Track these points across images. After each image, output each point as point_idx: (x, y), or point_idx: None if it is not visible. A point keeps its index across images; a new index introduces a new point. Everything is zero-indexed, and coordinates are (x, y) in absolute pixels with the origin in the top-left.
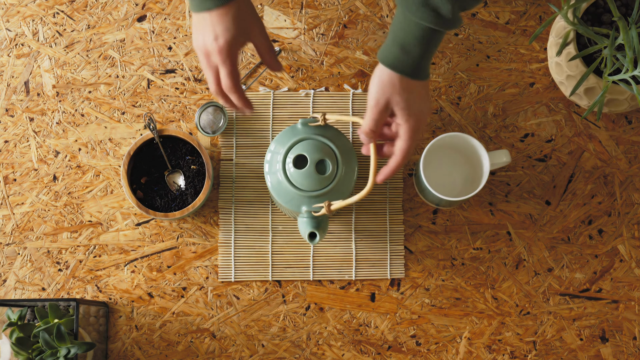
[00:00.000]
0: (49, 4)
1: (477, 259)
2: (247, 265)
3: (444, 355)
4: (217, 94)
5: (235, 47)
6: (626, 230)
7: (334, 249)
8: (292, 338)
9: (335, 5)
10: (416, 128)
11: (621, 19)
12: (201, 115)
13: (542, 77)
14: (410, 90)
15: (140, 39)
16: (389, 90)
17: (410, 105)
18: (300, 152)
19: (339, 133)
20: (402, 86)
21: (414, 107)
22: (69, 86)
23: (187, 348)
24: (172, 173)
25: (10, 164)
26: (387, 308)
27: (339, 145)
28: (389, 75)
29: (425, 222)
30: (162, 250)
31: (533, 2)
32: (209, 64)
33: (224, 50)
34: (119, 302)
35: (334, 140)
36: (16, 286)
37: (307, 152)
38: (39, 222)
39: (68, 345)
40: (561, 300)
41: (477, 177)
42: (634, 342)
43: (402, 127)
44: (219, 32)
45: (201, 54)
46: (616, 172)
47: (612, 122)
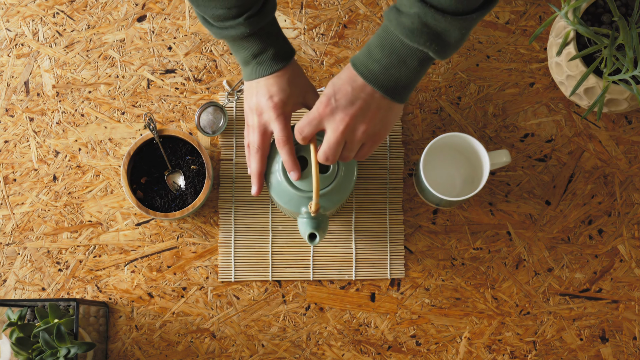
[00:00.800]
0: (49, 4)
1: (477, 259)
2: (247, 265)
3: (444, 355)
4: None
5: (290, 106)
6: (626, 230)
7: (334, 249)
8: (292, 338)
9: (335, 5)
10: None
11: (621, 19)
12: (201, 115)
13: (542, 77)
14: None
15: (140, 39)
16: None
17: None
18: (299, 153)
19: None
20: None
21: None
22: (69, 86)
23: (187, 348)
24: (172, 173)
25: (10, 164)
26: (387, 308)
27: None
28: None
29: (425, 222)
30: (162, 250)
31: (533, 2)
32: (260, 121)
33: (278, 107)
34: (119, 302)
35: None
36: (16, 286)
37: (307, 153)
38: (39, 222)
39: (68, 345)
40: (561, 300)
41: (477, 177)
42: (634, 342)
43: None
44: (274, 92)
45: (252, 114)
46: (616, 172)
47: (612, 122)
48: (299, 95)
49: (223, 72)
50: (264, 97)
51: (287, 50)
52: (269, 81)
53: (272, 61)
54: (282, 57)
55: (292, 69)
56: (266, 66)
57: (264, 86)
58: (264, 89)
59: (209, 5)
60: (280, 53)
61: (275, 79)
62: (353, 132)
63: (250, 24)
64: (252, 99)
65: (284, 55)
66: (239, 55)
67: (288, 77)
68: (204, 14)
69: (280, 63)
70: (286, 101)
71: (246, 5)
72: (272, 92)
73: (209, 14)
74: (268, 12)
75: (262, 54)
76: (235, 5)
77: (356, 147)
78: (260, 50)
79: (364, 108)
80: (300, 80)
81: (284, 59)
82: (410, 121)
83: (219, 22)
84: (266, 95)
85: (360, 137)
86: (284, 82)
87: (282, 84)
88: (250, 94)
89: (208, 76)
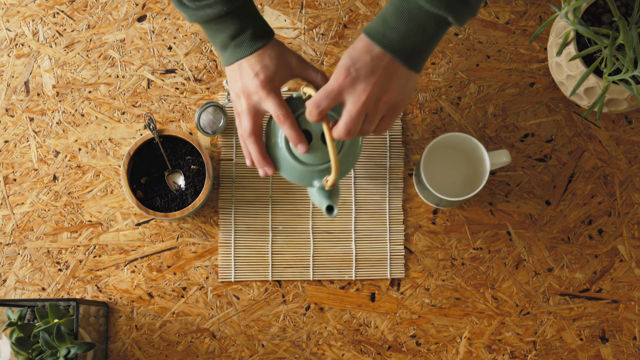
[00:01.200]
0: (49, 4)
1: (477, 259)
2: (247, 265)
3: (444, 355)
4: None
5: (277, 82)
6: (626, 230)
7: (334, 249)
8: (292, 338)
9: (335, 5)
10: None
11: (621, 19)
12: (201, 115)
13: (542, 77)
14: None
15: (140, 39)
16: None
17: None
18: (303, 127)
19: None
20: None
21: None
22: (69, 86)
23: (187, 348)
24: (172, 173)
25: (10, 164)
26: (387, 308)
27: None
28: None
29: (425, 222)
30: (162, 250)
31: (533, 2)
32: (249, 104)
33: (266, 84)
34: (119, 302)
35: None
36: (16, 286)
37: (309, 126)
38: (39, 222)
39: (68, 345)
40: (561, 300)
41: (477, 177)
42: (634, 342)
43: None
44: (259, 70)
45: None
46: (616, 172)
47: (612, 122)
48: (285, 69)
49: (223, 72)
50: (248, 77)
51: (265, 30)
52: (251, 61)
53: (251, 41)
54: (261, 36)
55: (274, 45)
56: (245, 46)
57: (247, 67)
58: (247, 70)
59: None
60: (259, 32)
61: (257, 58)
62: (375, 103)
63: (226, 1)
64: (236, 83)
65: (263, 34)
66: (216, 39)
67: (270, 54)
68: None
69: (260, 41)
70: (273, 77)
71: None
72: (257, 70)
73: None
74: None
75: (241, 34)
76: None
77: (377, 119)
78: (238, 30)
79: (385, 77)
80: (286, 55)
81: (263, 37)
82: (410, 121)
83: (194, 2)
84: (251, 75)
85: (381, 108)
86: (266, 59)
87: (265, 60)
88: (234, 79)
89: (208, 76)
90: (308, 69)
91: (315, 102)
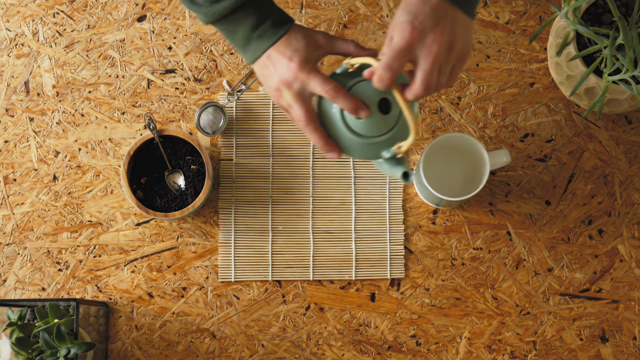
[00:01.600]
0: (49, 4)
1: (477, 259)
2: (247, 265)
3: (444, 355)
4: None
5: (313, 61)
6: (626, 230)
7: (334, 249)
8: (292, 338)
9: (335, 5)
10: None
11: (621, 19)
12: (201, 115)
13: (542, 77)
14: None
15: (140, 39)
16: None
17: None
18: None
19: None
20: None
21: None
22: (69, 86)
23: (187, 348)
24: (172, 173)
25: (10, 164)
26: (387, 308)
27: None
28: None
29: (425, 222)
30: (162, 250)
31: (533, 2)
32: (293, 93)
33: (303, 66)
34: (119, 302)
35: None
36: (16, 286)
37: (363, 98)
38: (39, 222)
39: (68, 345)
40: (561, 300)
41: (477, 177)
42: (634, 342)
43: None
44: (290, 55)
45: (280, 93)
46: (616, 172)
47: (612, 122)
48: (316, 47)
49: (223, 72)
50: (282, 65)
51: (284, 16)
52: (279, 48)
53: (273, 29)
54: (282, 23)
55: (297, 28)
56: (269, 35)
57: (277, 55)
58: (278, 58)
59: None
60: (279, 20)
61: (284, 44)
62: (446, 53)
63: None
64: (271, 78)
65: (283, 21)
66: (237, 35)
67: (296, 37)
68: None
69: (282, 28)
70: (307, 57)
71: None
72: (289, 55)
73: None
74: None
75: (261, 24)
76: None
77: (449, 69)
78: (258, 21)
79: (449, 25)
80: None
81: (284, 23)
82: None
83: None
84: (285, 63)
85: (452, 58)
86: (294, 42)
87: (293, 44)
88: (267, 74)
89: (208, 76)
90: (337, 41)
91: (386, 64)
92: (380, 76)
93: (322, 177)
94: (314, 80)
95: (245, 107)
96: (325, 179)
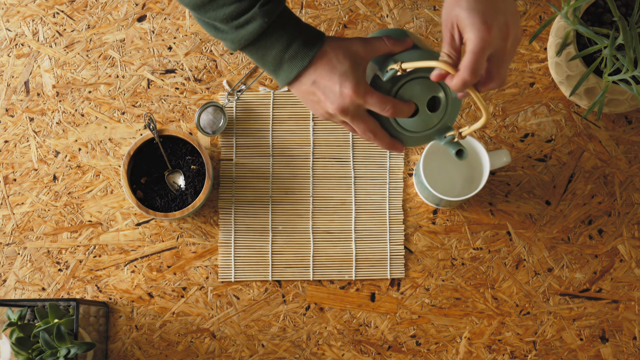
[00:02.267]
0: (49, 4)
1: (477, 259)
2: (247, 265)
3: (444, 355)
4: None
5: (363, 81)
6: (626, 230)
7: (334, 249)
8: (292, 338)
9: (335, 5)
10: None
11: (621, 19)
12: (201, 115)
13: (542, 77)
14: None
15: (140, 39)
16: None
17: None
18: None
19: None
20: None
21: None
22: (69, 86)
23: (187, 348)
24: (172, 173)
25: (10, 164)
26: (387, 308)
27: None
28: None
29: (425, 222)
30: (162, 250)
31: (533, 2)
32: (351, 115)
33: (357, 92)
34: (119, 302)
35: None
36: (16, 286)
37: (412, 97)
38: (39, 222)
39: (68, 345)
40: (561, 300)
41: (477, 177)
42: (634, 342)
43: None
44: (339, 82)
45: (336, 116)
46: (616, 172)
47: (612, 122)
48: (360, 62)
49: (223, 72)
50: (334, 94)
51: (314, 34)
52: (322, 74)
53: (305, 48)
54: (313, 42)
55: (333, 45)
56: (301, 56)
57: (325, 83)
58: (327, 86)
59: (216, 6)
60: (309, 38)
61: (327, 67)
62: (513, 44)
63: (266, 12)
64: (322, 106)
65: (314, 39)
66: (267, 58)
67: (336, 55)
68: (214, 19)
69: (315, 46)
70: (358, 80)
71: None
72: (338, 81)
73: (219, 17)
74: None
75: (292, 45)
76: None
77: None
78: (287, 42)
79: (511, 15)
80: (349, 47)
81: (316, 41)
82: None
83: (232, 23)
84: (336, 91)
85: (514, 47)
86: (338, 64)
87: (339, 67)
88: (315, 101)
89: (208, 76)
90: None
91: (472, 69)
92: (466, 81)
93: (322, 177)
94: (371, 101)
95: (245, 107)
96: (325, 179)
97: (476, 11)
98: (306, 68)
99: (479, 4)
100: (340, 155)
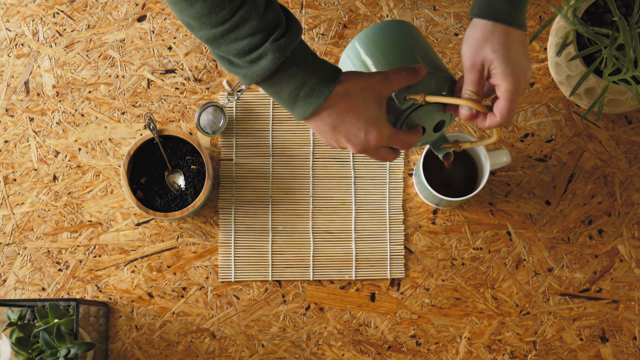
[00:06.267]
0: (49, 4)
1: (477, 259)
2: (247, 265)
3: (444, 355)
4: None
5: (383, 119)
6: (626, 230)
7: (334, 249)
8: (292, 338)
9: (335, 5)
10: (515, 89)
11: (621, 19)
12: (201, 115)
13: (542, 77)
14: (508, 44)
15: (140, 39)
16: (483, 47)
17: (508, 61)
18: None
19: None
20: (498, 40)
21: (512, 64)
22: (69, 86)
23: (187, 348)
24: (172, 173)
25: (10, 164)
26: (387, 308)
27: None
28: (482, 28)
29: (425, 222)
30: (162, 250)
31: (533, 2)
32: (374, 150)
33: (380, 134)
34: (119, 302)
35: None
36: (16, 286)
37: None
38: (39, 222)
39: (68, 345)
40: (561, 300)
41: (477, 177)
42: (634, 342)
43: (500, 88)
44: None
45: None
46: (616, 172)
47: (612, 122)
48: (380, 99)
49: (223, 72)
50: (358, 139)
51: (331, 70)
52: (347, 119)
53: (321, 86)
54: (330, 79)
55: (353, 83)
56: (317, 94)
57: (348, 129)
58: (351, 132)
59: (229, 40)
60: (326, 75)
61: (352, 113)
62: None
63: (278, 47)
64: (345, 145)
65: (331, 76)
66: (282, 94)
67: (366, 103)
68: (227, 52)
69: (331, 84)
70: (383, 123)
71: (269, 28)
72: (363, 128)
73: (232, 51)
74: (295, 33)
75: (307, 83)
76: (257, 30)
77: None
78: (303, 79)
79: (527, 55)
80: (369, 83)
81: (333, 78)
82: None
83: (245, 57)
84: (361, 137)
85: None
86: (365, 110)
87: (364, 113)
88: (334, 139)
89: (208, 76)
90: (394, 79)
91: (507, 118)
92: (501, 126)
93: (322, 177)
94: (395, 143)
95: (245, 107)
96: (325, 179)
97: (510, 59)
98: (322, 105)
99: (510, 51)
100: (340, 155)
